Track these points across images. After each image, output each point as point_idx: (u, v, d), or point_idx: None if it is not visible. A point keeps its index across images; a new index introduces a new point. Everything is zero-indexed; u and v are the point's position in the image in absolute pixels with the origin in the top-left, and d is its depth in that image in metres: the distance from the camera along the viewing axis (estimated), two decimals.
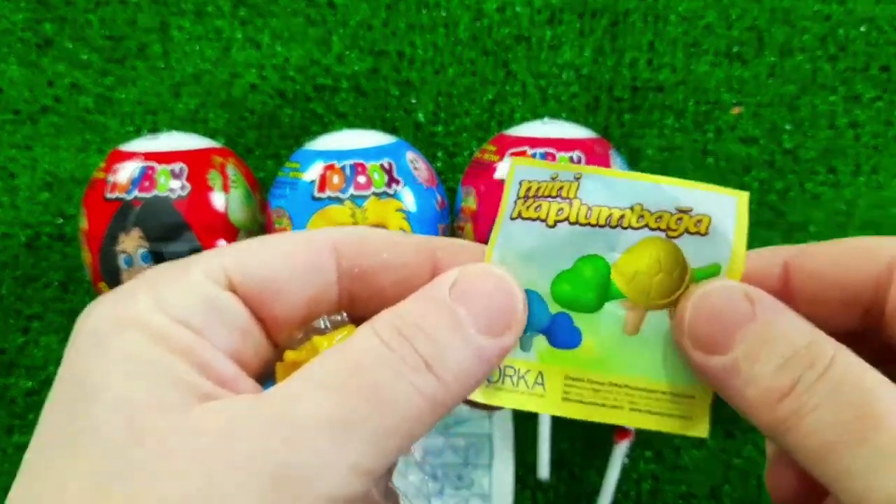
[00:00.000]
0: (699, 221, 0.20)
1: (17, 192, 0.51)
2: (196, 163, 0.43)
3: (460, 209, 0.44)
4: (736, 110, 0.49)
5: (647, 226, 0.20)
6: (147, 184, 0.42)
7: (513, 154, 0.42)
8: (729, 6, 0.49)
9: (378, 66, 0.50)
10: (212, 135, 0.49)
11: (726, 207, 0.20)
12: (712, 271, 0.20)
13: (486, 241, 0.22)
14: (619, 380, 0.20)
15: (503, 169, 0.42)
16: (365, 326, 0.18)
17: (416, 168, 0.43)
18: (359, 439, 0.16)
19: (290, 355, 0.20)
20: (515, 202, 0.21)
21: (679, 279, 0.20)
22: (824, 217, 0.49)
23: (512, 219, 0.21)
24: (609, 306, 0.20)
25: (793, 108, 0.49)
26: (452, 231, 0.45)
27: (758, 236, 0.50)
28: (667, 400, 0.20)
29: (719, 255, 0.20)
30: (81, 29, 0.50)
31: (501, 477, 0.47)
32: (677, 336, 0.19)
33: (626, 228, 0.20)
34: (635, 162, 0.49)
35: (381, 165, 0.42)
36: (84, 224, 0.43)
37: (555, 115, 0.49)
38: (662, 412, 0.20)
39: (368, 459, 0.17)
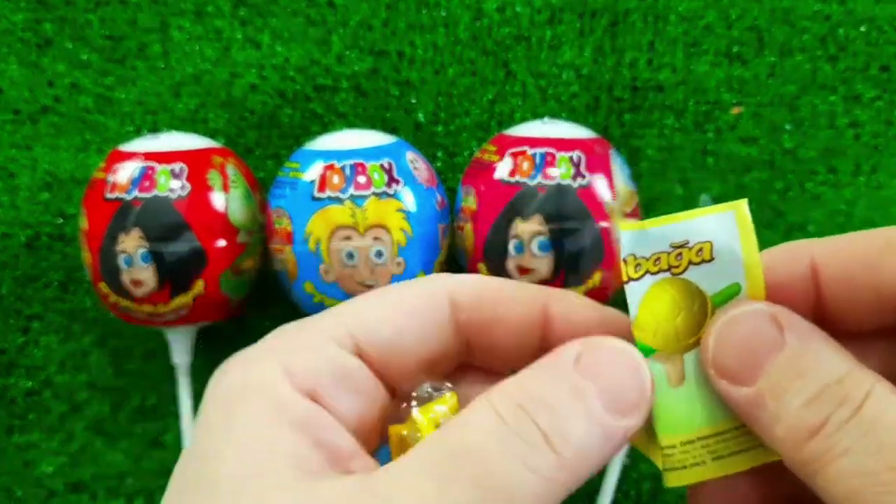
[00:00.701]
0: (700, 250, 0.19)
1: (17, 192, 0.51)
2: (196, 163, 0.43)
3: (460, 209, 0.44)
4: (736, 110, 0.49)
5: (647, 272, 0.19)
6: (147, 184, 0.42)
7: (513, 154, 0.42)
8: (729, 6, 0.49)
9: (378, 66, 0.50)
10: (212, 135, 0.49)
11: (724, 224, 0.19)
12: (732, 292, 0.19)
13: (484, 242, 0.21)
14: (689, 436, 0.19)
15: (502, 170, 0.42)
16: (481, 399, 0.17)
17: (416, 168, 0.43)
18: None
19: (394, 430, 0.19)
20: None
21: (701, 312, 0.19)
22: (824, 217, 0.49)
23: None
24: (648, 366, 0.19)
25: (793, 108, 0.49)
26: (452, 231, 0.45)
27: (758, 236, 0.50)
28: (743, 433, 0.19)
29: (733, 274, 0.18)
30: (81, 29, 0.50)
31: None
32: (703, 365, 0.18)
33: (628, 282, 0.19)
34: (635, 162, 0.49)
35: (381, 165, 0.42)
36: (84, 224, 0.43)
37: (555, 115, 0.49)
38: (744, 448, 0.19)
39: None
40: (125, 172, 0.42)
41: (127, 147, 0.44)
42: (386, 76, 0.50)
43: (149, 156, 0.43)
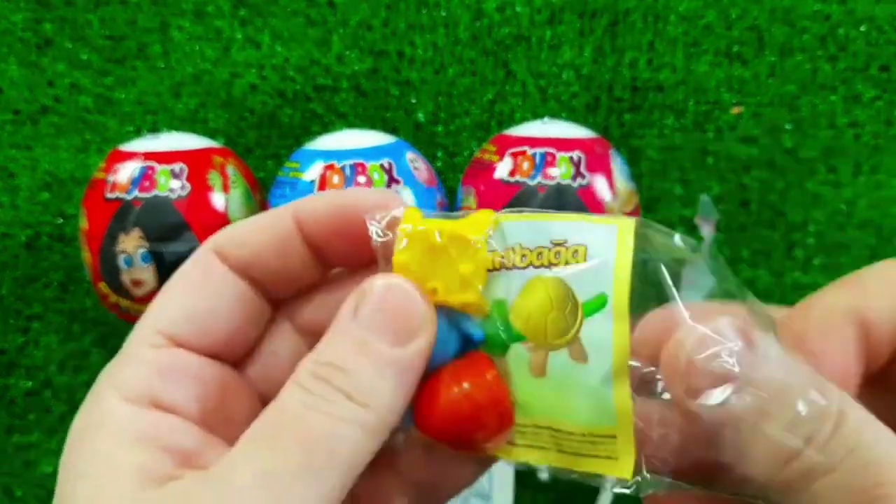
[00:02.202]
0: (576, 252, 0.19)
1: (17, 192, 0.51)
2: (196, 163, 0.43)
3: (460, 209, 0.44)
4: (736, 110, 0.49)
5: (531, 264, 0.20)
6: (147, 184, 0.42)
7: (513, 154, 0.42)
8: (729, 6, 0.49)
9: (378, 66, 0.50)
10: (212, 135, 0.49)
11: (605, 235, 0.19)
12: (599, 302, 0.19)
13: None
14: (541, 422, 0.20)
15: (502, 170, 0.42)
16: (289, 380, 0.19)
17: (416, 168, 0.43)
18: (297, 484, 0.17)
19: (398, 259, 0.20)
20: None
21: (572, 315, 0.19)
22: (824, 217, 0.49)
23: None
24: (515, 348, 0.20)
25: (793, 108, 0.49)
26: None
27: (758, 236, 0.50)
28: (588, 441, 0.19)
29: (603, 284, 0.19)
30: (81, 29, 0.50)
31: (502, 476, 0.47)
32: (669, 382, 0.18)
33: (511, 269, 0.20)
34: (635, 162, 0.49)
35: (381, 165, 0.42)
36: (84, 224, 0.43)
37: (555, 115, 0.49)
38: (588, 454, 0.20)
39: (313, 498, 0.17)
40: (125, 172, 0.42)
41: (127, 147, 0.44)
42: (386, 76, 0.50)
43: (149, 156, 0.43)
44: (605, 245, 0.19)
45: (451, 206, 0.46)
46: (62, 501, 0.19)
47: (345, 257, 0.22)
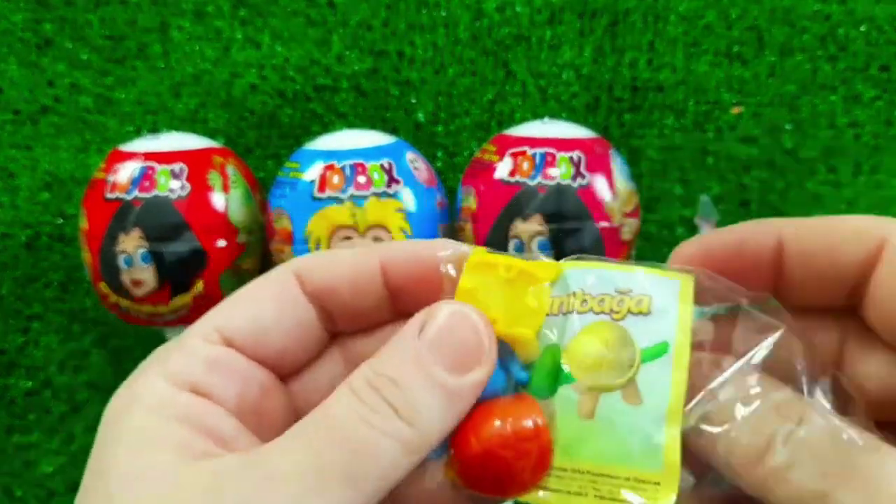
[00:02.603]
0: (640, 301, 0.20)
1: (17, 192, 0.51)
2: (196, 163, 0.43)
3: (460, 209, 0.44)
4: (736, 110, 0.49)
5: (591, 310, 0.20)
6: (147, 184, 0.42)
7: (513, 154, 0.42)
8: (729, 6, 0.49)
9: (378, 66, 0.50)
10: (212, 135, 0.49)
11: (668, 288, 0.20)
12: (660, 349, 0.20)
13: (484, 242, 0.22)
14: (583, 466, 0.20)
15: (501, 169, 0.42)
16: (342, 383, 0.19)
17: (416, 168, 0.43)
18: (333, 484, 0.18)
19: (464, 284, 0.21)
20: None
21: (629, 359, 0.20)
22: None
23: None
24: (563, 390, 0.20)
25: (793, 108, 0.49)
26: (453, 231, 0.45)
27: None
28: (630, 486, 0.20)
29: (665, 333, 0.20)
30: (81, 29, 0.50)
31: None
32: (708, 447, 0.19)
33: (570, 314, 0.20)
34: (635, 161, 0.49)
35: (381, 165, 0.42)
36: (84, 224, 0.43)
37: (555, 115, 0.49)
38: (625, 500, 0.20)
39: (346, 501, 0.18)
40: (125, 172, 0.42)
41: (127, 147, 0.44)
42: (386, 76, 0.50)
43: (149, 156, 0.43)
44: (668, 296, 0.20)
45: (451, 206, 0.46)
46: (97, 468, 0.19)
47: (420, 304, 0.22)
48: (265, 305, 0.22)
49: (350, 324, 0.23)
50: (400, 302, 0.23)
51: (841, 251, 0.20)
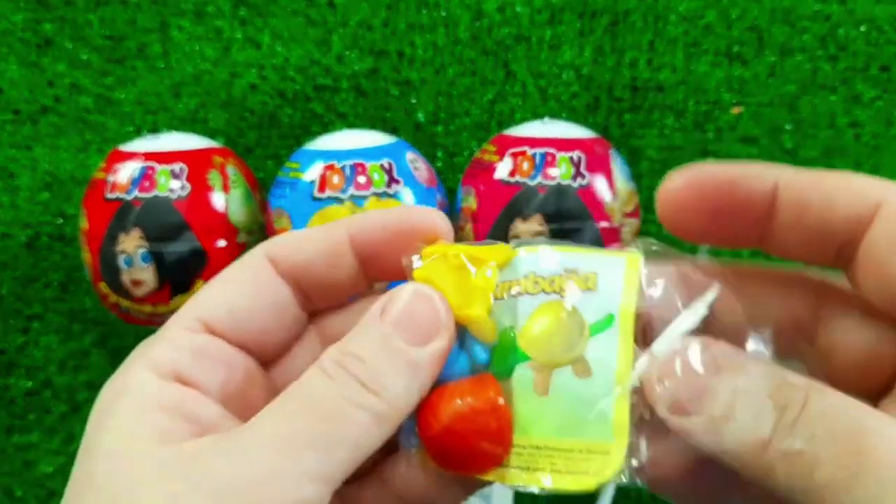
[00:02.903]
0: (587, 279, 0.21)
1: (17, 192, 0.51)
2: (196, 163, 0.43)
3: (460, 209, 0.44)
4: (736, 110, 0.49)
5: (542, 290, 0.21)
6: (147, 184, 0.42)
7: (513, 154, 0.42)
8: (729, 6, 0.49)
9: (378, 66, 0.50)
10: (212, 135, 0.49)
11: (614, 265, 0.21)
12: (606, 322, 0.20)
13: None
14: (540, 442, 0.21)
15: (501, 169, 0.42)
16: (312, 365, 0.20)
17: (416, 168, 0.43)
18: (306, 449, 0.18)
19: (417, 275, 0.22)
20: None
21: (578, 335, 0.20)
22: None
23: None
24: (519, 369, 0.21)
25: (793, 108, 0.49)
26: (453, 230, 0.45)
27: None
28: (582, 459, 0.20)
29: (611, 306, 0.20)
30: (81, 29, 0.50)
31: None
32: (651, 401, 0.20)
33: (522, 295, 0.21)
34: (635, 162, 0.49)
35: (381, 165, 0.42)
36: (84, 224, 0.43)
37: (555, 115, 0.49)
38: (579, 471, 0.20)
39: (319, 466, 0.19)
40: (125, 172, 0.42)
41: (127, 147, 0.44)
42: (386, 76, 0.50)
43: (149, 156, 0.43)
44: (614, 272, 0.21)
45: (451, 206, 0.46)
46: (85, 453, 0.20)
47: (390, 271, 0.23)
48: (242, 290, 0.22)
49: (325, 300, 0.24)
50: (371, 270, 0.23)
51: (836, 206, 0.20)
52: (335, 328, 0.24)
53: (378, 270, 0.23)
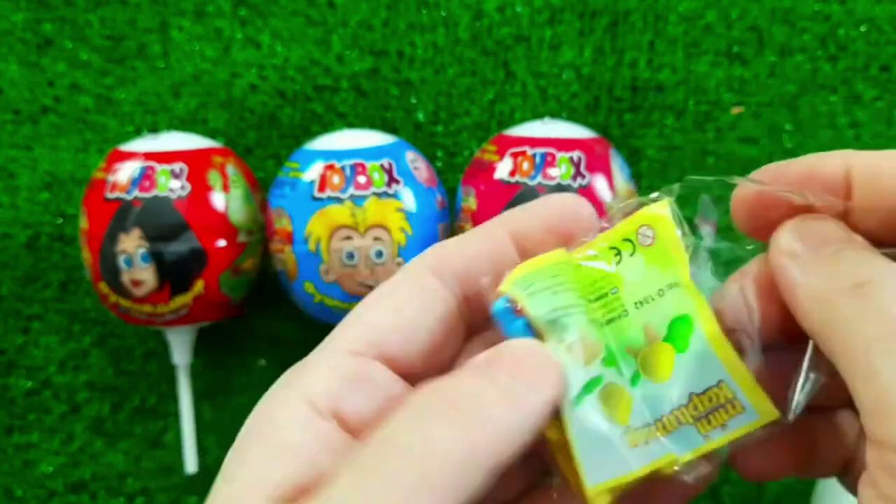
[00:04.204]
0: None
1: (17, 192, 0.51)
2: (196, 163, 0.43)
3: (460, 209, 0.44)
4: (736, 110, 0.49)
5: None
6: (147, 184, 0.42)
7: (513, 154, 0.42)
8: (729, 6, 0.49)
9: (378, 66, 0.50)
10: (212, 135, 0.49)
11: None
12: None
13: None
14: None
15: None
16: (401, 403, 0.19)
17: (416, 168, 0.43)
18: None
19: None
20: None
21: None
22: None
23: None
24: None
25: (793, 108, 0.49)
26: (452, 231, 0.45)
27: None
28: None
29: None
30: (81, 29, 0.50)
31: None
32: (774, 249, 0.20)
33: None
34: (635, 162, 0.49)
35: (381, 165, 0.42)
36: (84, 224, 0.43)
37: (555, 115, 0.49)
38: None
39: None
40: (125, 172, 0.42)
41: (127, 147, 0.44)
42: (386, 76, 0.50)
43: (149, 156, 0.43)
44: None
45: (451, 205, 0.46)
46: (216, 488, 0.19)
47: None
48: (408, 304, 0.20)
49: (485, 309, 0.22)
50: None
51: None
52: (494, 338, 0.22)
53: None
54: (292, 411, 0.19)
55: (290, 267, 0.42)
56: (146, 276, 0.42)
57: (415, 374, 0.21)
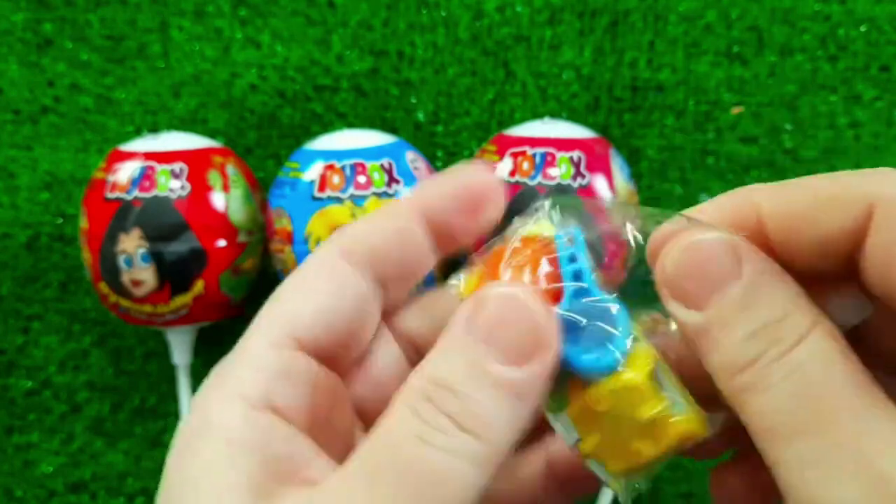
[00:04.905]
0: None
1: (17, 192, 0.51)
2: (196, 163, 0.43)
3: None
4: (736, 110, 0.49)
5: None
6: (147, 184, 0.42)
7: (513, 154, 0.42)
8: (729, 6, 0.49)
9: (378, 66, 0.50)
10: (212, 135, 0.49)
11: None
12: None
13: (484, 242, 0.22)
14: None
15: (502, 168, 0.42)
16: (395, 398, 0.18)
17: (416, 168, 0.43)
18: None
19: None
20: None
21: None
22: None
23: None
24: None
25: (793, 108, 0.49)
26: None
27: None
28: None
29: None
30: (81, 29, 0.50)
31: None
32: (658, 279, 0.18)
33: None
34: (635, 162, 0.49)
35: (381, 165, 0.42)
36: (84, 224, 0.43)
37: (555, 115, 0.49)
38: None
39: None
40: (125, 172, 0.42)
41: (127, 147, 0.44)
42: (386, 76, 0.50)
43: (149, 156, 0.43)
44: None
45: None
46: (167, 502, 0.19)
47: (461, 240, 0.22)
48: (322, 290, 0.20)
49: (400, 287, 0.22)
50: (443, 243, 0.22)
51: (824, 220, 0.18)
52: (407, 321, 0.23)
53: (450, 242, 0.22)
54: (232, 408, 0.19)
55: (291, 267, 0.42)
56: (146, 276, 0.42)
57: (336, 359, 0.21)
